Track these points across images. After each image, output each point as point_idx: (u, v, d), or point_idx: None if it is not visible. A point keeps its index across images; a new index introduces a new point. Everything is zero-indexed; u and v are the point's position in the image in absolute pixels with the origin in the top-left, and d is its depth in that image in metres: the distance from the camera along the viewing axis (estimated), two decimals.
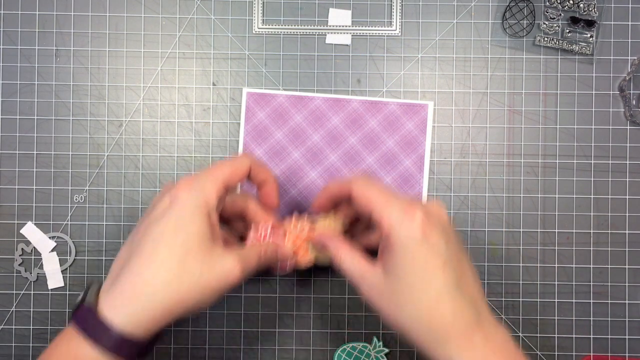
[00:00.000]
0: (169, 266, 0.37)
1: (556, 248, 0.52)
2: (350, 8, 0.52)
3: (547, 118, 0.52)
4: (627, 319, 0.52)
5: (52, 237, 0.52)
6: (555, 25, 0.52)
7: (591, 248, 0.52)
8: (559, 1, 0.52)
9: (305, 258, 0.45)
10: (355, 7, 0.52)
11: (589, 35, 0.52)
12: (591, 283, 0.52)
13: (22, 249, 0.52)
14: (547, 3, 0.52)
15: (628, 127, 0.52)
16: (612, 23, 0.52)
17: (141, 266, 0.37)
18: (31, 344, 0.52)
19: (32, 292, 0.52)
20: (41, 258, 0.52)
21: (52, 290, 0.52)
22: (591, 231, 0.52)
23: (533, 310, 0.52)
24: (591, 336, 0.52)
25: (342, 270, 0.41)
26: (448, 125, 0.52)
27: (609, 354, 0.52)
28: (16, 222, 0.52)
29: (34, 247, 0.52)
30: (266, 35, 0.52)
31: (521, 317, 0.52)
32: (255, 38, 0.53)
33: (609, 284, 0.52)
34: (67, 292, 0.52)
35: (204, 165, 0.52)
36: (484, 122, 0.52)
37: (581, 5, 0.52)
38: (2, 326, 0.52)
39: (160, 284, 0.37)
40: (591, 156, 0.52)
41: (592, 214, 0.52)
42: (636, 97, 0.52)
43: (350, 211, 0.45)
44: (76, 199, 0.52)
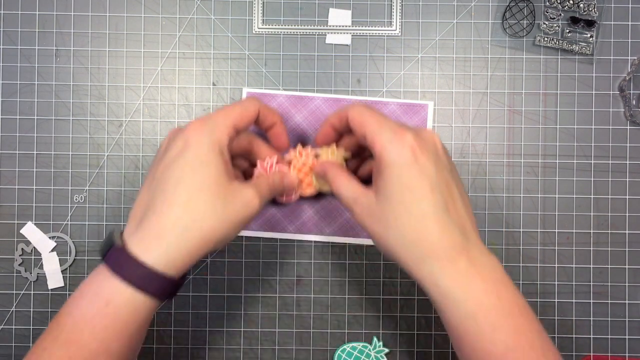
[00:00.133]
0: (194, 205, 0.38)
1: (556, 248, 0.52)
2: (350, 8, 0.52)
3: (547, 118, 0.52)
4: (627, 319, 0.52)
5: (52, 237, 0.52)
6: (555, 25, 0.52)
7: (591, 248, 0.52)
8: (559, 1, 0.52)
9: (309, 187, 0.47)
10: (355, 7, 0.52)
11: (589, 35, 0.52)
12: (591, 283, 0.52)
13: (22, 249, 0.52)
14: (547, 3, 0.52)
15: (628, 127, 0.52)
16: (612, 23, 0.52)
17: (167, 207, 0.38)
18: (31, 344, 0.52)
19: (32, 292, 0.52)
20: (41, 258, 0.52)
21: (52, 290, 0.52)
22: (591, 231, 0.52)
23: (533, 310, 0.52)
24: (591, 336, 0.52)
25: (338, 195, 0.42)
26: (448, 125, 0.52)
27: (609, 354, 0.52)
28: (16, 222, 0.52)
29: (34, 247, 0.52)
30: (266, 35, 0.52)
31: None
32: (255, 38, 0.53)
33: (609, 284, 0.52)
34: (67, 292, 0.52)
35: None
36: (484, 122, 0.52)
37: (581, 5, 0.52)
38: (2, 326, 0.52)
39: (188, 222, 0.38)
40: (591, 156, 0.52)
41: (592, 214, 0.52)
42: (636, 97, 0.52)
43: (351, 142, 0.47)
44: (76, 199, 0.52)
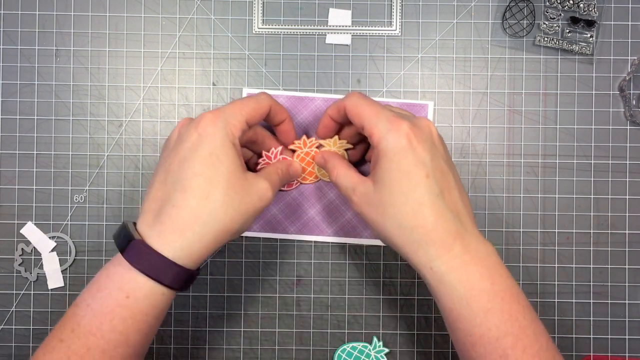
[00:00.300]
0: (213, 198, 0.39)
1: (556, 248, 0.52)
2: (350, 8, 0.52)
3: (547, 118, 0.52)
4: (627, 319, 0.52)
5: (52, 237, 0.52)
6: (555, 25, 0.52)
7: (591, 248, 0.52)
8: (559, 1, 0.52)
9: (310, 176, 0.50)
10: (355, 7, 0.52)
11: (589, 35, 0.52)
12: (591, 283, 0.52)
13: (22, 249, 0.52)
14: (547, 3, 0.52)
15: (628, 127, 0.52)
16: (612, 23, 0.52)
17: (187, 200, 0.39)
18: (31, 344, 0.52)
19: (32, 292, 0.52)
20: (41, 258, 0.52)
21: (52, 290, 0.52)
22: (591, 231, 0.52)
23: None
24: (591, 336, 0.52)
25: (337, 184, 0.43)
26: (448, 125, 0.52)
27: (609, 354, 0.52)
28: (16, 222, 0.52)
29: (34, 247, 0.52)
30: (266, 35, 0.52)
31: None
32: (255, 38, 0.52)
33: (609, 284, 0.52)
34: (67, 292, 0.52)
35: None
36: (484, 122, 0.52)
37: (581, 5, 0.52)
38: (2, 326, 0.52)
39: (208, 215, 0.39)
40: (591, 156, 0.52)
41: (592, 214, 0.52)
42: (636, 97, 0.52)
43: (352, 132, 0.47)
44: (76, 199, 0.52)
